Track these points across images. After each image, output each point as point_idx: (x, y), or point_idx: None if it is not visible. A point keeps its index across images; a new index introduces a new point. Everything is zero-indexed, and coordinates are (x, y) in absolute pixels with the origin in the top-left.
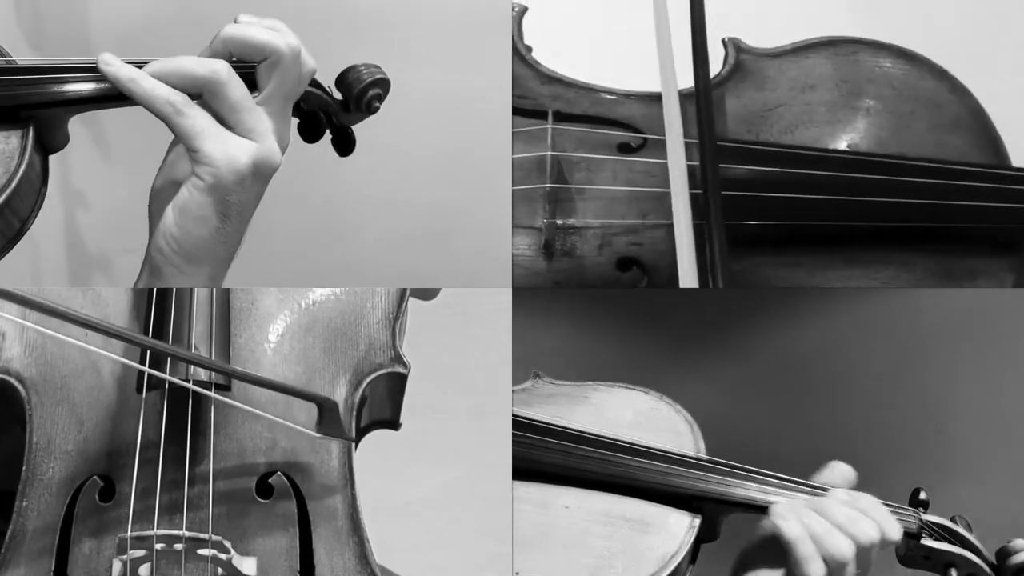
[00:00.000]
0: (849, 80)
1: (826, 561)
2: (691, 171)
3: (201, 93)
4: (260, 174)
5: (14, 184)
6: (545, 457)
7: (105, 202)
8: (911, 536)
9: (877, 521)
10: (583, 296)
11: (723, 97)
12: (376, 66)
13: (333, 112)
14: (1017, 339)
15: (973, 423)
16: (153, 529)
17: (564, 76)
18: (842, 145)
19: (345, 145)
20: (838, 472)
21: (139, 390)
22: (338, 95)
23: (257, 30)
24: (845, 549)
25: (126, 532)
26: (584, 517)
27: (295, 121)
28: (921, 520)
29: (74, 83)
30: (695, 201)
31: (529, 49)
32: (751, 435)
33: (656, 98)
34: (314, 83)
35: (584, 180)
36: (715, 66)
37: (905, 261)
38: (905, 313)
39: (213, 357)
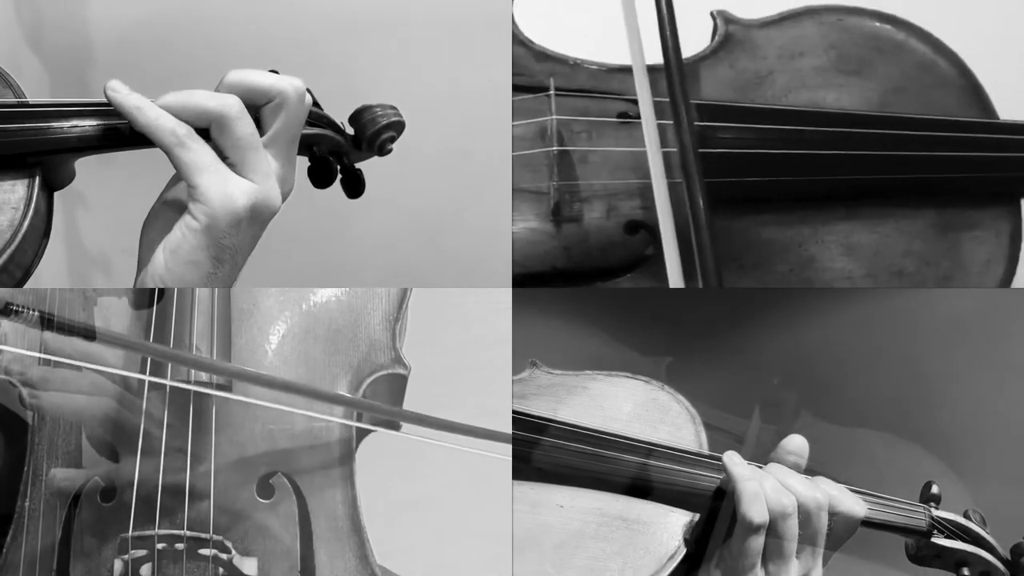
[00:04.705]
0: (837, 45)
1: (770, 510)
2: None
3: (209, 129)
4: (257, 217)
5: (18, 239)
6: (539, 454)
7: (105, 202)
8: (922, 534)
9: (827, 491)
10: (584, 295)
11: (715, 67)
12: (392, 107)
13: (344, 152)
14: (1018, 339)
15: (976, 422)
16: (154, 529)
17: (557, 53)
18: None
19: (355, 187)
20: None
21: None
22: (350, 130)
23: (261, 74)
24: (787, 501)
25: (128, 532)
26: (578, 516)
27: (306, 165)
28: (932, 517)
29: (80, 124)
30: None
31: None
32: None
33: (652, 70)
34: (327, 122)
35: (587, 147)
36: (705, 38)
37: (904, 215)
38: (906, 313)
39: (215, 358)
